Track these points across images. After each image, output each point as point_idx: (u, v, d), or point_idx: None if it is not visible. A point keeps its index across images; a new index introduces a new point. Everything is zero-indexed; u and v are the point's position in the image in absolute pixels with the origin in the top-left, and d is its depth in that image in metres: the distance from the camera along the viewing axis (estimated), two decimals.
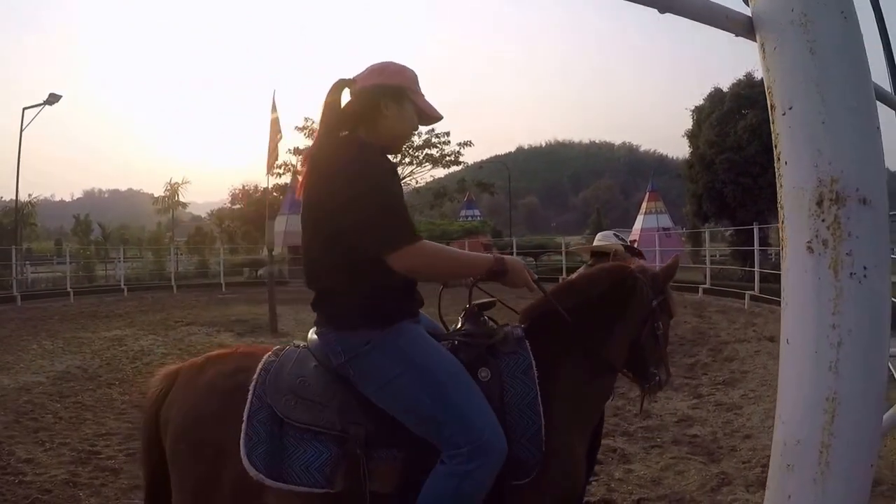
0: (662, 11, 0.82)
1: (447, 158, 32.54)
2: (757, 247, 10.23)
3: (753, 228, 10.45)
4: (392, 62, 1.54)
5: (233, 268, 22.29)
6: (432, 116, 1.56)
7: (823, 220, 0.65)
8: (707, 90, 19.06)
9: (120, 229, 39.55)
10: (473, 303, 1.62)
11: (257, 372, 1.48)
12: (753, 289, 9.73)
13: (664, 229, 22.22)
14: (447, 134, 32.15)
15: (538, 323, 1.63)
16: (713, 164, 17.11)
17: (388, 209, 1.36)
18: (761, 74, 0.79)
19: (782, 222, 0.69)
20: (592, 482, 2.85)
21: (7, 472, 3.28)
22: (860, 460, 0.64)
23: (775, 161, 0.72)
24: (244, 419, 1.41)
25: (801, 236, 0.66)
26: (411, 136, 1.58)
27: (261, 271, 19.58)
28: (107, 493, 3.04)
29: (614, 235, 2.95)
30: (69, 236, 39.19)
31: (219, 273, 19.20)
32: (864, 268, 0.65)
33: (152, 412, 1.60)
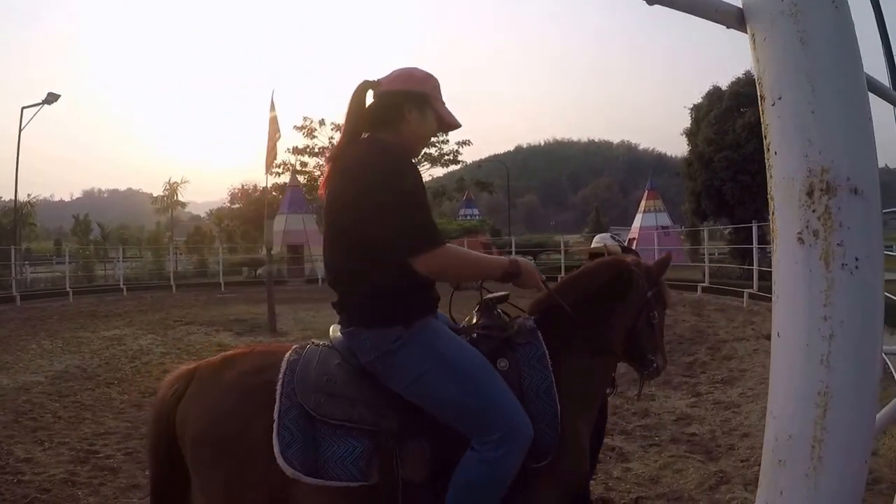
0: (651, 3, 0.81)
1: (446, 157, 32.55)
2: (756, 245, 10.20)
3: (752, 226, 10.43)
4: (418, 69, 1.59)
5: (232, 267, 22.27)
6: (451, 124, 1.62)
7: (814, 211, 0.64)
8: (706, 88, 19.09)
9: (119, 229, 39.57)
10: (487, 297, 1.69)
11: (282, 371, 1.49)
12: (752, 287, 9.70)
13: (663, 227, 22.26)
14: (445, 133, 32.07)
15: (546, 315, 1.70)
16: (712, 162, 17.12)
17: (416, 215, 1.42)
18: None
19: (773, 213, 0.68)
20: (593, 479, 2.84)
21: (6, 472, 3.28)
22: (853, 455, 0.63)
23: (765, 151, 0.71)
24: (275, 418, 1.43)
25: (792, 227, 0.65)
26: (428, 141, 1.66)
27: (259, 271, 19.52)
28: (105, 492, 3.03)
29: (611, 237, 3.10)
30: (68, 236, 39.24)
31: (218, 272, 19.15)
32: (856, 259, 0.64)
33: (165, 412, 1.58)
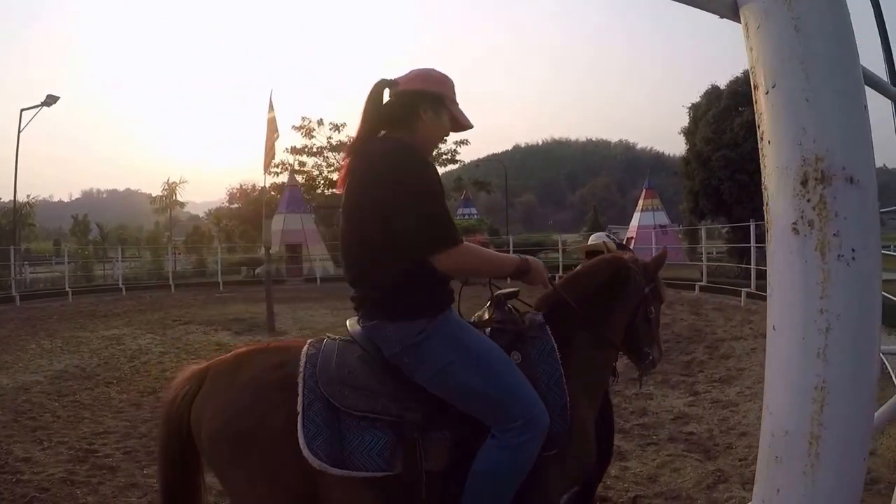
0: None
1: (444, 157, 32.53)
2: (753, 244, 10.20)
3: (750, 225, 10.43)
4: (435, 70, 1.64)
5: (230, 267, 22.26)
6: (465, 125, 1.67)
7: (809, 201, 0.62)
8: (704, 88, 19.11)
9: (118, 229, 39.50)
10: (499, 292, 1.75)
11: (302, 365, 1.51)
12: (750, 286, 9.71)
13: (661, 226, 22.29)
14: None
15: (552, 310, 1.77)
16: (710, 162, 17.14)
17: (437, 214, 1.47)
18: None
19: (766, 204, 0.66)
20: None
21: (5, 471, 3.30)
22: (851, 452, 0.61)
23: (758, 141, 0.69)
24: (300, 411, 1.45)
25: (786, 217, 0.63)
26: (441, 141, 1.71)
27: (258, 270, 19.51)
28: (104, 491, 3.03)
29: (606, 236, 3.22)
30: (67, 236, 39.19)
31: (216, 272, 19.15)
32: (853, 250, 0.62)
33: (176, 412, 1.58)
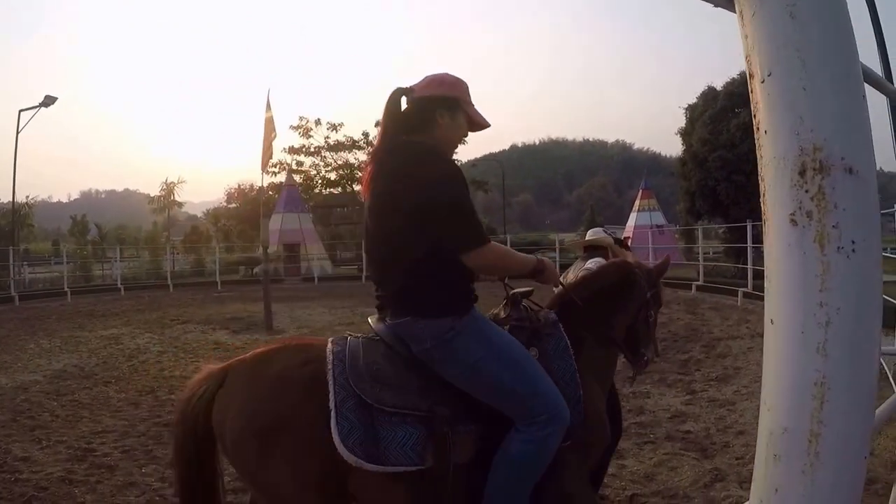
0: None
1: None
2: (750, 244, 10.21)
3: (747, 226, 10.45)
4: (449, 74, 1.69)
5: (228, 266, 22.36)
6: (481, 125, 1.71)
7: (807, 191, 0.60)
8: (700, 88, 19.15)
9: (117, 229, 39.46)
10: (514, 291, 1.82)
11: (330, 362, 1.52)
12: (746, 286, 9.73)
13: (657, 226, 22.30)
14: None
15: (562, 309, 1.85)
16: (706, 162, 17.18)
17: (467, 215, 1.52)
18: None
19: (763, 195, 0.64)
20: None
21: (4, 470, 3.29)
22: (852, 450, 0.59)
23: (754, 131, 0.67)
24: (332, 408, 1.45)
25: (784, 209, 0.61)
26: (461, 142, 1.78)
27: (256, 269, 19.52)
28: (102, 490, 3.02)
29: (602, 231, 3.26)
30: (66, 237, 39.16)
31: (214, 271, 19.16)
32: (853, 242, 0.60)
33: (193, 413, 1.56)
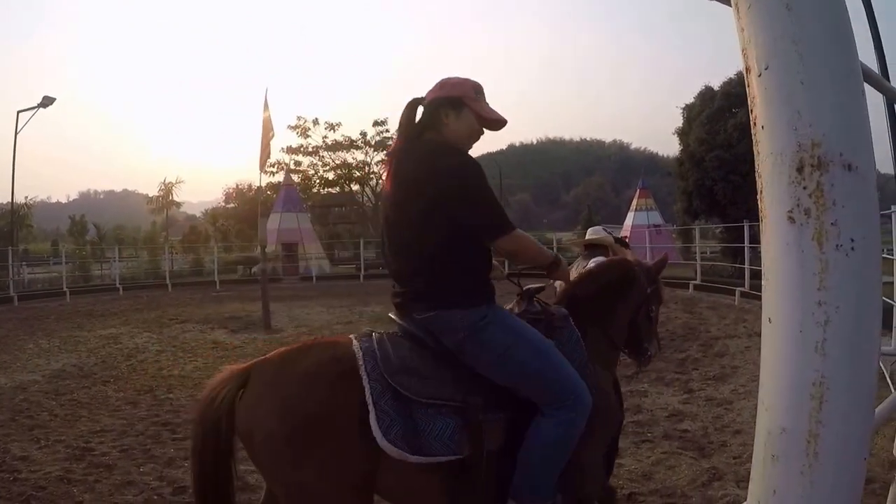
0: None
1: None
2: (747, 244, 10.22)
3: (744, 225, 10.46)
4: (453, 76, 1.75)
5: (227, 266, 22.40)
6: (491, 119, 1.74)
7: (805, 188, 0.59)
8: (697, 89, 19.16)
9: (115, 229, 39.42)
10: (528, 287, 1.89)
11: (361, 358, 1.53)
12: (744, 285, 9.74)
13: (654, 226, 22.33)
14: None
15: (569, 305, 1.94)
16: (703, 162, 17.18)
17: (491, 202, 1.59)
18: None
19: (761, 191, 0.63)
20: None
21: (2, 470, 3.29)
22: (851, 451, 0.58)
23: (751, 127, 0.66)
24: (370, 403, 1.46)
25: (782, 206, 0.60)
26: (476, 138, 1.80)
27: (254, 269, 19.55)
28: (100, 489, 3.02)
29: (603, 230, 3.33)
30: (65, 237, 39.11)
31: (213, 271, 19.22)
32: (852, 240, 0.59)
33: (214, 415, 1.53)
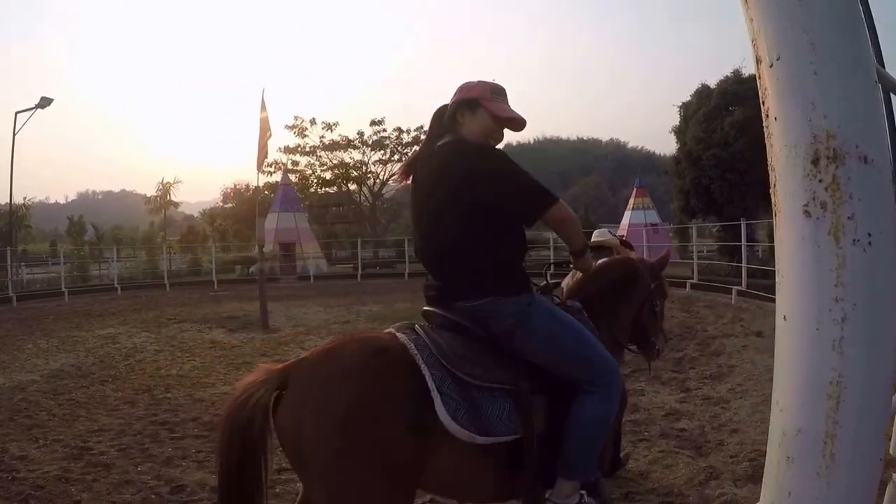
0: None
1: None
2: (744, 242, 10.25)
3: (741, 224, 10.48)
4: (470, 81, 1.85)
5: (224, 265, 22.42)
6: (507, 118, 1.81)
7: (821, 181, 0.57)
8: (693, 87, 19.18)
9: (113, 230, 39.33)
10: (545, 282, 2.00)
11: (412, 347, 1.55)
12: (741, 284, 9.75)
13: (651, 225, 22.33)
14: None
15: (580, 298, 2.06)
16: (700, 161, 17.21)
17: (531, 178, 1.67)
18: (749, 55, 0.70)
19: (774, 185, 0.61)
20: None
21: (1, 469, 3.28)
22: (868, 452, 0.56)
23: (763, 119, 0.64)
24: (433, 390, 1.48)
25: (797, 199, 0.58)
26: (494, 137, 1.85)
27: (252, 268, 19.57)
28: (98, 489, 3.01)
29: (609, 232, 3.39)
30: (63, 237, 38.98)
31: (211, 271, 19.23)
32: (869, 234, 0.57)
33: (248, 417, 1.46)
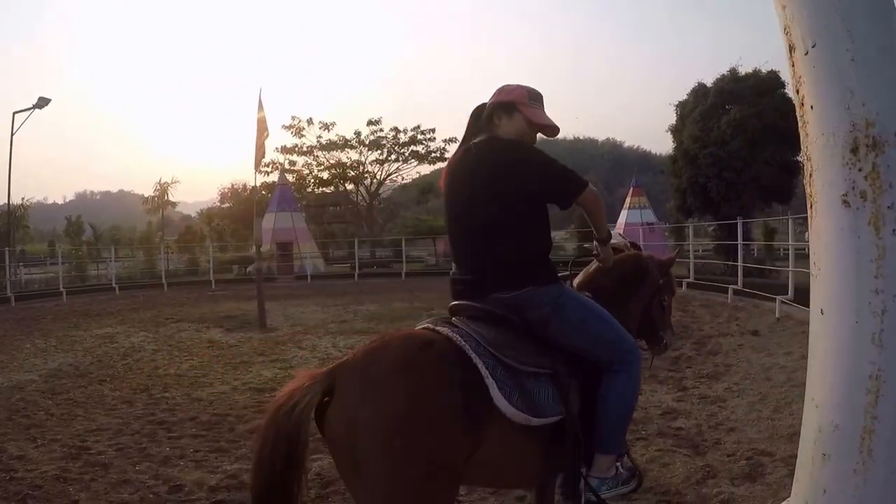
0: None
1: (433, 155, 32.37)
2: (741, 241, 10.27)
3: (737, 223, 10.50)
4: (509, 84, 1.92)
5: (222, 265, 22.40)
6: (544, 125, 1.88)
7: (860, 170, 0.55)
8: (689, 87, 19.20)
9: (111, 230, 39.31)
10: (563, 274, 2.06)
11: (458, 338, 1.60)
12: (737, 283, 9.77)
13: (648, 224, 22.35)
14: (432, 130, 31.97)
15: (591, 291, 2.14)
16: (697, 159, 17.28)
17: (563, 166, 1.78)
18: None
19: (810, 175, 0.59)
20: None
21: None
22: None
23: (797, 108, 0.62)
24: (487, 377, 1.54)
25: (835, 189, 0.56)
26: (529, 140, 1.91)
27: (249, 268, 19.55)
28: (96, 488, 3.00)
29: (619, 235, 3.47)
30: (61, 238, 39.04)
31: (208, 270, 19.19)
32: None
33: (296, 421, 1.42)
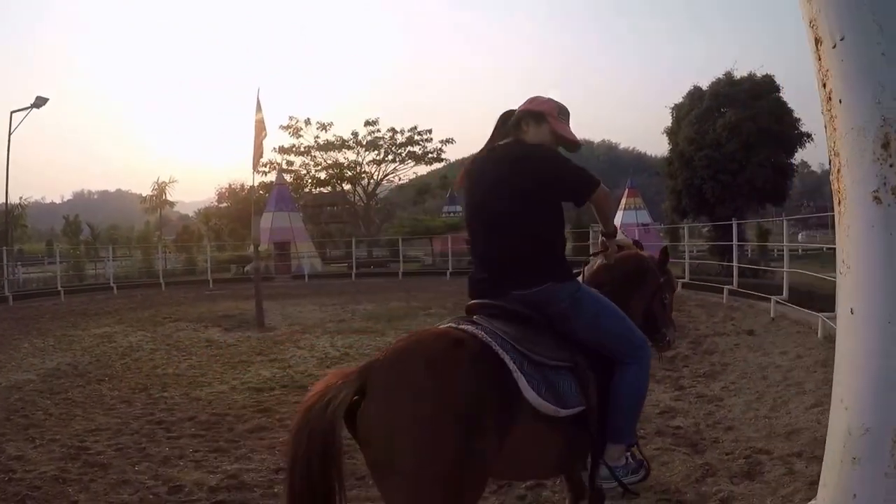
0: None
1: (429, 156, 32.32)
2: (735, 242, 10.31)
3: (732, 224, 10.54)
4: (541, 95, 2.02)
5: (220, 265, 22.37)
6: (567, 139, 1.96)
7: (892, 166, 0.54)
8: (685, 89, 19.26)
9: (109, 229, 39.27)
10: (576, 271, 2.11)
11: (484, 335, 1.62)
12: (732, 283, 9.81)
13: (643, 225, 22.46)
14: (429, 131, 31.97)
15: (595, 288, 2.18)
16: (692, 161, 17.34)
17: (578, 166, 1.87)
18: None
19: (838, 171, 0.58)
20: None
21: None
22: None
23: (824, 102, 0.61)
24: (516, 371, 1.58)
25: (865, 185, 0.55)
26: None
27: (247, 267, 19.49)
28: (95, 489, 2.99)
29: (622, 234, 3.52)
30: (59, 237, 39.05)
31: (206, 270, 19.24)
32: None
33: (329, 420, 1.39)
